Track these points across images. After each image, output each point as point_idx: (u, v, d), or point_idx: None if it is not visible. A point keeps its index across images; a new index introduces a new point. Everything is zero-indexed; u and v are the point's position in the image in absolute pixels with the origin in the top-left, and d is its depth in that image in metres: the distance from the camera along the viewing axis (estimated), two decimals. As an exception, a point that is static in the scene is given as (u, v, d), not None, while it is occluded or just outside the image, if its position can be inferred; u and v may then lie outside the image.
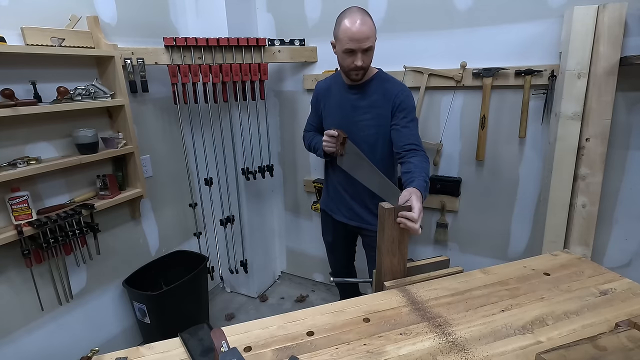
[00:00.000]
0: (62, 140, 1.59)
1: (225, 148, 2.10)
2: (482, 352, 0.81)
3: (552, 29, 1.60)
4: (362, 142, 1.47)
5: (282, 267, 2.80)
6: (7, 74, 1.38)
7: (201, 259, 2.10)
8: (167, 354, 0.87)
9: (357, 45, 1.32)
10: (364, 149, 1.42)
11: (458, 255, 2.10)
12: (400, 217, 1.07)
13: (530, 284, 1.06)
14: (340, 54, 1.40)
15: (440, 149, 1.95)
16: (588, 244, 1.63)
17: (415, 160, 1.34)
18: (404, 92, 1.45)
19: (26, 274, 1.48)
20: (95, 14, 1.62)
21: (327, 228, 1.84)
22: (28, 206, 1.42)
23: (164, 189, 2.13)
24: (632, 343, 0.75)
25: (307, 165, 2.41)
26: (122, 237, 1.92)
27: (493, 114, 1.81)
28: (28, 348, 1.58)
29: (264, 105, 2.15)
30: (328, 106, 1.60)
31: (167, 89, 1.91)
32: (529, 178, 1.82)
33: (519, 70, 1.66)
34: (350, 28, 1.31)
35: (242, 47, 1.92)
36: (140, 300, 1.84)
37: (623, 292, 1.01)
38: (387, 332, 0.89)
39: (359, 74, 1.42)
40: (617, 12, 1.43)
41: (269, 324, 0.93)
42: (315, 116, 1.71)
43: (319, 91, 1.65)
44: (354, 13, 1.32)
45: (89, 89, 1.56)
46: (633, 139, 1.60)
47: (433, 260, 1.20)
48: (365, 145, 1.47)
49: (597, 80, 1.50)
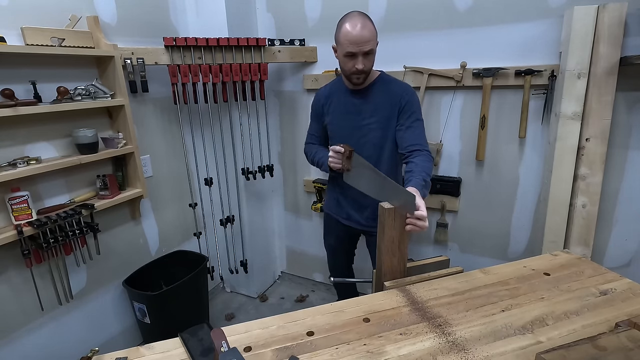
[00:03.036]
0: (62, 140, 1.59)
1: (225, 148, 2.10)
2: (482, 352, 0.81)
3: (552, 29, 1.60)
4: (368, 145, 1.47)
5: (282, 267, 2.79)
6: (7, 74, 1.38)
7: (201, 259, 2.10)
8: (167, 354, 0.87)
9: (358, 49, 1.32)
10: (370, 152, 1.41)
11: (458, 255, 2.10)
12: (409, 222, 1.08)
13: (530, 284, 1.06)
14: (341, 58, 1.40)
15: (440, 149, 1.95)
16: (588, 244, 1.63)
17: (418, 160, 1.34)
18: (408, 92, 1.46)
19: (26, 274, 1.48)
20: (95, 14, 1.62)
21: (331, 231, 1.83)
22: (28, 206, 1.42)
23: (164, 189, 2.13)
24: (632, 343, 0.75)
25: (307, 165, 2.41)
26: (122, 237, 1.92)
27: (493, 114, 1.81)
28: (28, 348, 1.58)
29: (264, 105, 2.15)
30: (331, 113, 1.58)
31: (167, 89, 1.91)
32: (529, 178, 1.82)
33: (519, 70, 1.66)
34: (351, 32, 1.31)
35: (242, 47, 1.92)
36: (140, 300, 1.84)
37: (623, 292, 1.01)
38: (387, 332, 0.89)
39: (360, 78, 1.41)
40: (617, 12, 1.43)
41: (269, 324, 0.93)
42: (317, 125, 1.67)
43: (320, 99, 1.62)
44: (354, 17, 1.33)
45: (89, 89, 1.56)
46: (633, 139, 1.60)
47: (433, 260, 1.20)
48: (372, 149, 1.48)
49: (597, 80, 1.50)
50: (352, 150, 1.23)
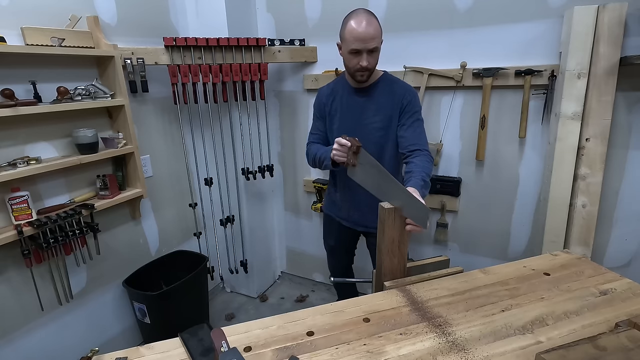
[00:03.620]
0: (62, 140, 1.59)
1: (225, 148, 2.10)
2: (482, 352, 0.81)
3: (552, 29, 1.60)
4: (370, 144, 1.47)
5: (282, 267, 2.79)
6: (7, 74, 1.38)
7: (201, 259, 2.10)
8: (167, 354, 0.87)
9: (362, 46, 1.32)
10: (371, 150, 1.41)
11: (458, 255, 2.10)
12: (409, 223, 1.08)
13: (530, 284, 1.06)
14: (346, 55, 1.40)
15: (440, 149, 1.95)
16: (588, 244, 1.63)
17: (417, 160, 1.34)
18: (410, 92, 1.46)
19: (26, 274, 1.48)
20: (95, 14, 1.62)
21: (331, 232, 1.82)
22: (28, 206, 1.42)
23: (164, 189, 2.13)
24: (632, 343, 0.75)
25: (307, 165, 2.40)
26: (122, 237, 1.92)
27: (493, 114, 1.80)
28: (28, 348, 1.58)
29: (264, 105, 2.15)
30: (334, 110, 1.57)
31: (167, 89, 1.91)
32: (529, 178, 1.82)
33: (519, 70, 1.66)
34: (356, 29, 1.31)
35: (242, 47, 1.92)
36: (140, 300, 1.84)
37: (623, 292, 1.01)
38: (387, 332, 0.89)
39: (364, 75, 1.41)
40: (617, 12, 1.43)
41: (269, 324, 0.93)
42: (320, 123, 1.64)
43: (322, 97, 1.61)
44: (360, 14, 1.33)
45: (89, 89, 1.56)
46: (633, 139, 1.60)
47: (433, 260, 1.20)
48: (374, 148, 1.48)
49: (597, 80, 1.50)
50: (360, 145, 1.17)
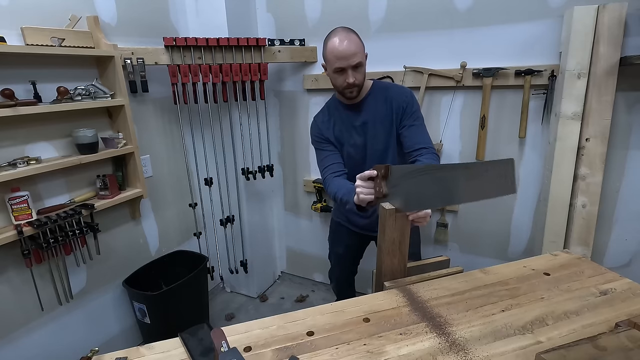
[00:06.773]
0: (62, 140, 1.59)
1: (225, 148, 2.10)
2: (482, 352, 0.81)
3: (552, 29, 1.60)
4: (373, 155, 1.46)
5: (282, 267, 2.79)
6: (7, 74, 1.38)
7: (201, 259, 2.10)
8: (167, 354, 0.87)
9: (345, 63, 1.31)
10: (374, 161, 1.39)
11: (458, 255, 2.10)
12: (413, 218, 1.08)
13: (530, 284, 1.06)
14: (331, 75, 1.39)
15: (440, 149, 1.95)
16: (588, 244, 1.63)
17: (425, 159, 1.33)
18: (406, 95, 1.44)
19: (26, 274, 1.48)
20: (95, 14, 1.62)
21: (340, 240, 1.79)
22: (28, 206, 1.42)
23: (164, 189, 2.13)
24: (632, 343, 0.75)
25: (307, 165, 2.41)
26: (122, 237, 1.92)
27: (493, 114, 1.80)
28: (28, 348, 1.58)
29: (264, 105, 2.15)
30: (337, 134, 1.51)
31: (167, 89, 1.91)
32: (529, 178, 1.82)
33: (519, 70, 1.66)
34: (337, 47, 1.30)
35: (242, 47, 1.92)
36: (140, 300, 1.84)
37: (623, 292, 1.01)
38: (387, 332, 0.88)
39: (353, 92, 1.39)
40: (617, 12, 1.43)
41: (269, 324, 0.93)
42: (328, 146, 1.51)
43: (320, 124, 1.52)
44: (338, 32, 1.33)
45: (89, 89, 1.56)
46: (633, 139, 1.60)
47: (433, 260, 1.20)
48: (376, 158, 1.47)
49: (597, 80, 1.50)
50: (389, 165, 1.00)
